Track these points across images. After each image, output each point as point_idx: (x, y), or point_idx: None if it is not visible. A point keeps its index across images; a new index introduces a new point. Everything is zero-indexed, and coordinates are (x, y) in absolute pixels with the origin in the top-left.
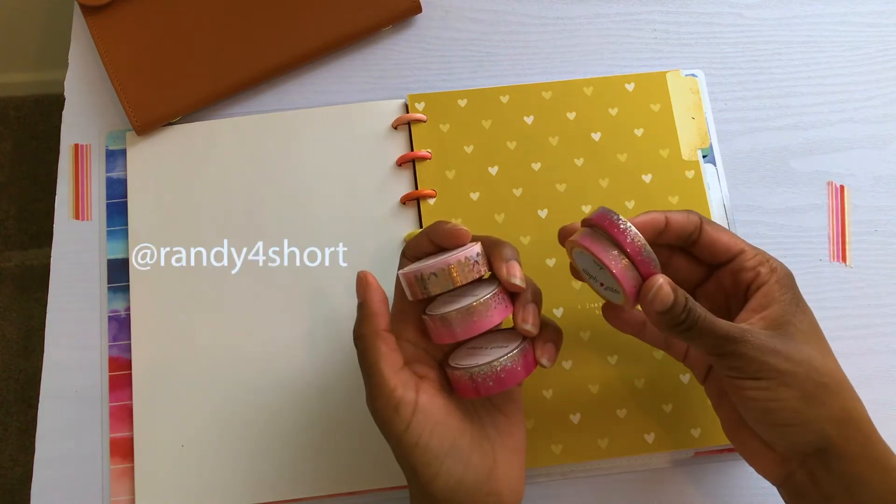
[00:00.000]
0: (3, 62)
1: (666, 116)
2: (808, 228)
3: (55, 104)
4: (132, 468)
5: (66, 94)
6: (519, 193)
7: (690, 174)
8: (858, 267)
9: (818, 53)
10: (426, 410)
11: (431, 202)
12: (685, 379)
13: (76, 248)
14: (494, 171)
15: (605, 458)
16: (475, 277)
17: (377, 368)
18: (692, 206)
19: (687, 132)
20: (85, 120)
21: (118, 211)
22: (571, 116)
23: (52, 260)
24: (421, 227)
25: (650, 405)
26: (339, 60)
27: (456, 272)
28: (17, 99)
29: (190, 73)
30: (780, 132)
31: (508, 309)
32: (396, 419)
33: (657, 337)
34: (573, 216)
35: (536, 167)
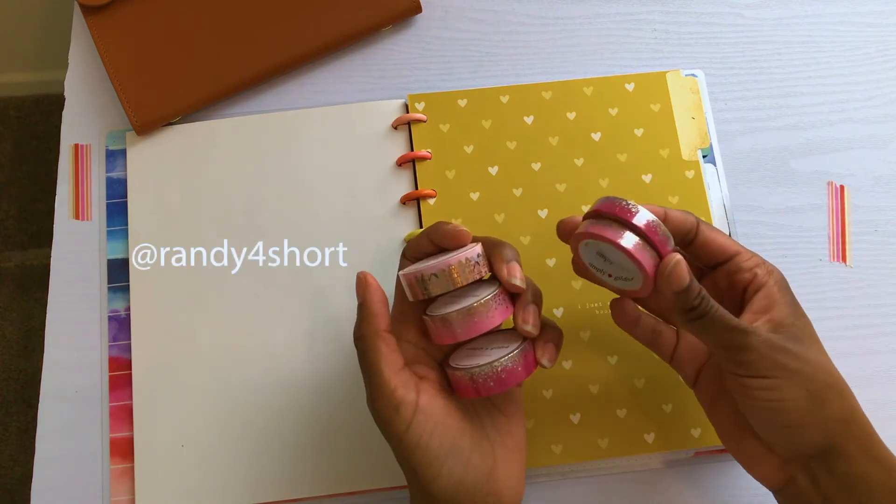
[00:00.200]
0: (3, 62)
1: (666, 116)
2: (808, 228)
3: (55, 104)
4: (132, 468)
5: (66, 94)
6: (519, 193)
7: (690, 174)
8: (858, 267)
9: (818, 53)
10: (427, 411)
11: (431, 202)
12: None
13: (76, 248)
14: (494, 171)
15: (605, 458)
16: (476, 278)
17: (378, 369)
18: (692, 206)
19: (687, 132)
20: (85, 120)
21: (118, 211)
22: (571, 116)
23: (52, 260)
24: (421, 227)
25: (650, 405)
26: (339, 60)
27: (457, 273)
28: (17, 99)
29: (190, 73)
30: (780, 132)
31: (509, 310)
32: (397, 420)
33: (647, 332)
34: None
35: (536, 167)
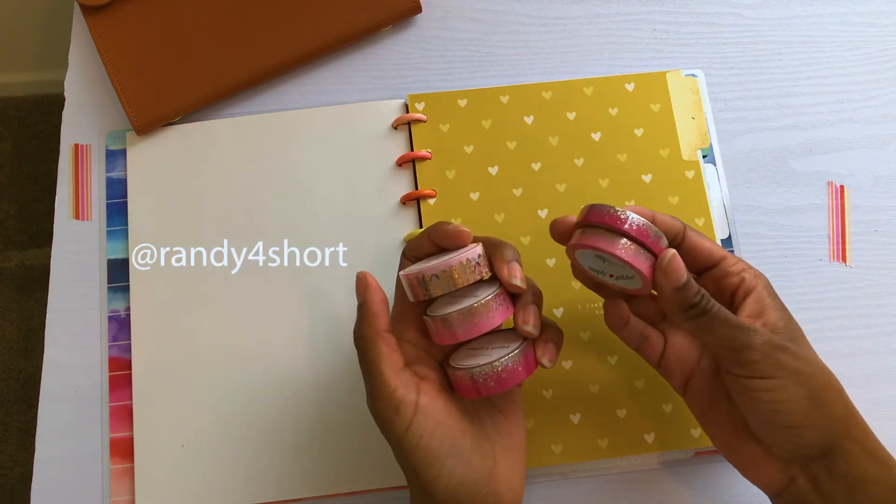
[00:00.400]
0: (3, 62)
1: (666, 116)
2: (808, 228)
3: (55, 104)
4: (132, 468)
5: (66, 94)
6: (519, 193)
7: (690, 174)
8: (858, 267)
9: (818, 53)
10: (427, 411)
11: (431, 202)
12: None
13: (76, 248)
14: (494, 171)
15: (605, 458)
16: (476, 279)
17: (378, 369)
18: (692, 206)
19: (687, 132)
20: (85, 120)
21: (118, 211)
22: (571, 116)
23: (52, 260)
24: (421, 227)
25: (650, 405)
26: (339, 60)
27: (457, 274)
28: (17, 99)
29: (190, 73)
30: (780, 132)
31: (509, 310)
32: (397, 420)
33: (635, 336)
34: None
35: (536, 167)
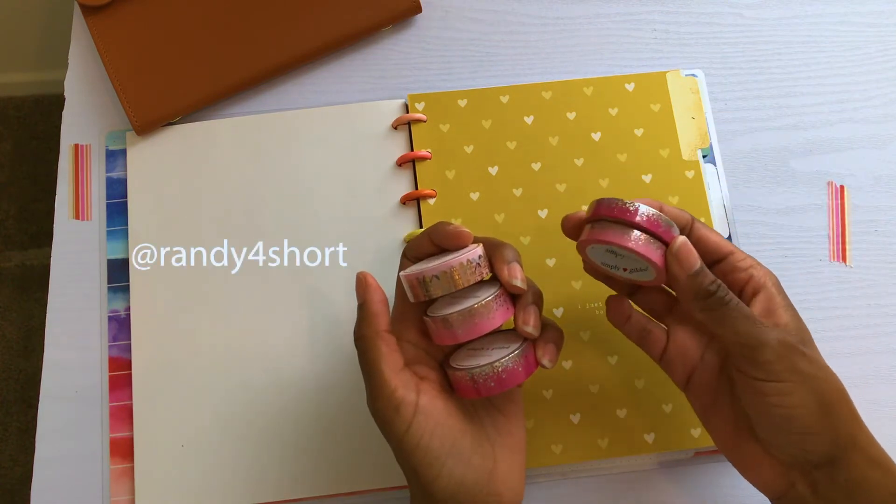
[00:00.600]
0: (3, 62)
1: (666, 116)
2: (808, 228)
3: (55, 104)
4: (132, 468)
5: (66, 94)
6: (519, 193)
7: (690, 174)
8: (858, 267)
9: (818, 53)
10: (427, 411)
11: (431, 202)
12: None
13: (76, 248)
14: (494, 171)
15: (605, 458)
16: (477, 280)
17: (378, 369)
18: (692, 206)
19: (687, 132)
20: (85, 120)
21: (118, 211)
22: (571, 116)
23: (52, 260)
24: (421, 227)
25: (650, 405)
26: (339, 60)
27: (458, 275)
28: (17, 99)
29: (190, 73)
30: (780, 132)
31: (510, 311)
32: (397, 420)
33: (637, 329)
34: None
35: (536, 167)
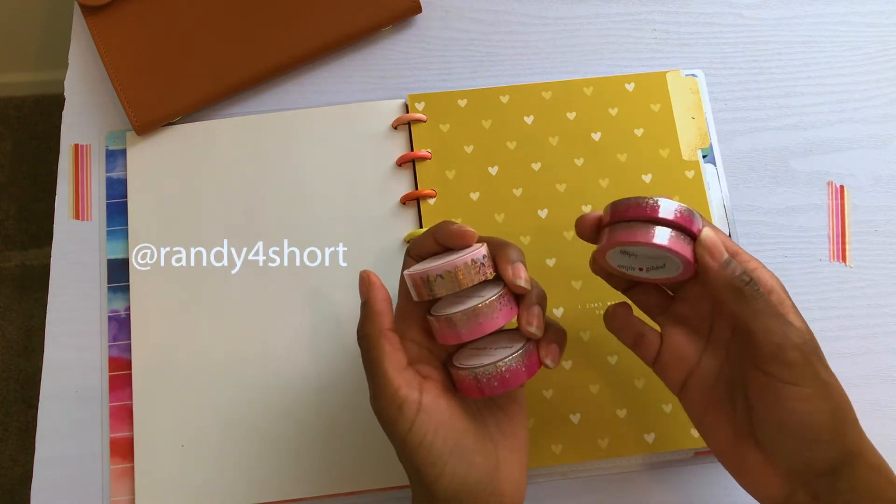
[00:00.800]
0: (3, 62)
1: (666, 116)
2: (808, 228)
3: (55, 104)
4: (132, 468)
5: (66, 94)
6: (519, 193)
7: (690, 174)
8: (858, 267)
9: (818, 53)
10: (430, 410)
11: (431, 202)
12: None
13: (76, 248)
14: (494, 171)
15: (605, 458)
16: (481, 279)
17: (381, 368)
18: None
19: (687, 132)
20: (85, 120)
21: (118, 211)
22: (571, 116)
23: (52, 260)
24: (421, 227)
25: (650, 405)
26: (339, 60)
27: (462, 275)
28: (17, 99)
29: (190, 73)
30: (780, 132)
31: (513, 311)
32: (400, 419)
33: (631, 334)
34: (573, 216)
35: (536, 167)
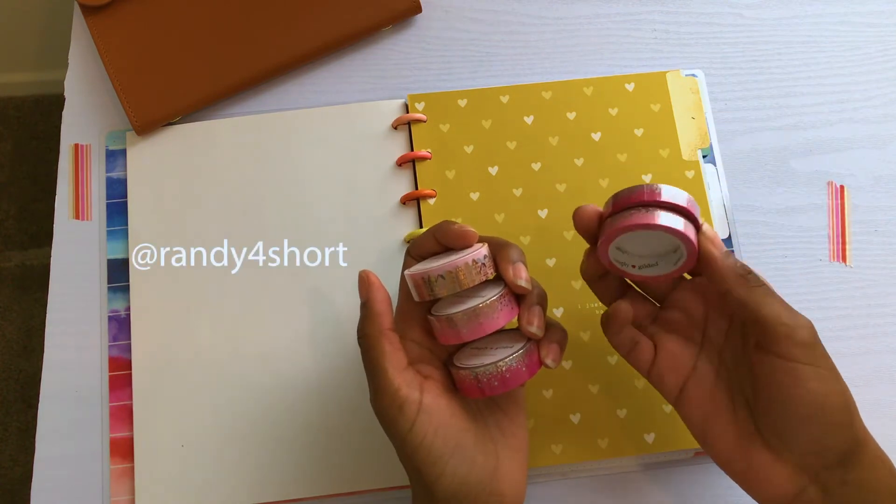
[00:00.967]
0: (3, 62)
1: (666, 116)
2: (808, 228)
3: (55, 104)
4: (132, 468)
5: (66, 94)
6: (519, 193)
7: (690, 174)
8: (858, 267)
9: (818, 53)
10: (430, 410)
11: (431, 202)
12: None
13: (76, 248)
14: (494, 171)
15: (605, 458)
16: (482, 280)
17: (382, 368)
18: None
19: (687, 132)
20: (85, 120)
21: (118, 211)
22: (571, 116)
23: (52, 260)
24: (421, 227)
25: (650, 405)
26: (339, 60)
27: (463, 275)
28: (17, 99)
29: (190, 73)
30: (780, 132)
31: (514, 311)
32: (401, 419)
33: (626, 341)
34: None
35: (536, 167)
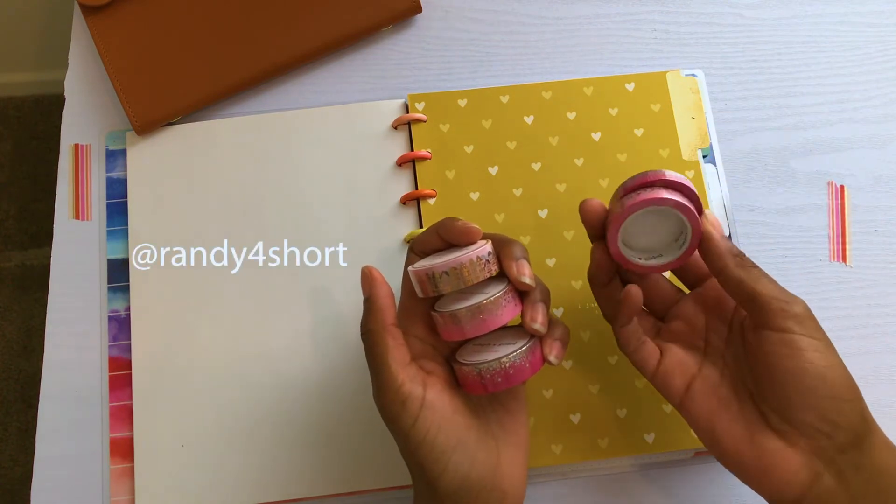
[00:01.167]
0: (3, 62)
1: (666, 116)
2: (808, 228)
3: (55, 104)
4: (132, 468)
5: (66, 94)
6: (519, 193)
7: (690, 174)
8: (858, 267)
9: (818, 53)
10: (433, 406)
11: (431, 202)
12: None
13: (76, 248)
14: (494, 171)
15: (605, 458)
16: (486, 277)
17: (385, 363)
18: None
19: (687, 132)
20: (85, 120)
21: (118, 211)
22: (571, 116)
23: (52, 260)
24: (421, 227)
25: (650, 405)
26: (339, 60)
27: (467, 272)
28: (17, 99)
29: (190, 73)
30: (780, 132)
31: (517, 307)
32: (404, 415)
33: (634, 337)
34: (573, 216)
35: (536, 167)
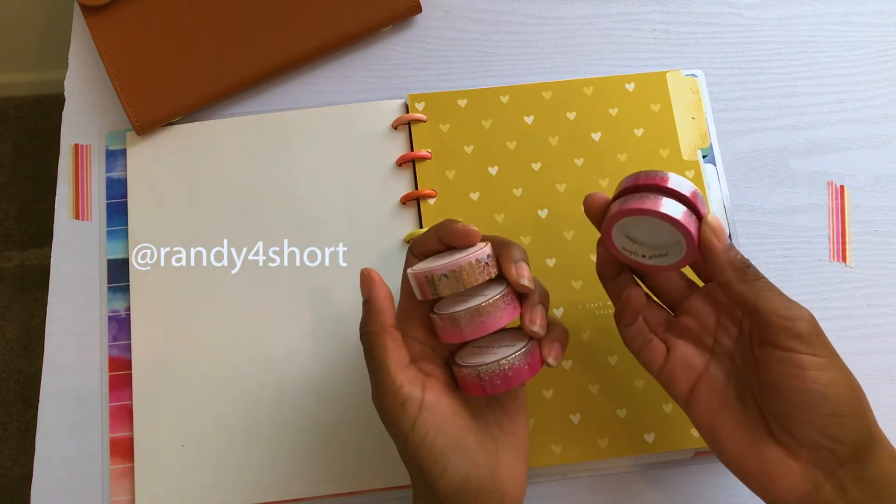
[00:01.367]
0: (3, 62)
1: (666, 116)
2: (808, 228)
3: (55, 104)
4: (132, 468)
5: (66, 94)
6: (519, 193)
7: (690, 174)
8: (858, 267)
9: (818, 53)
10: (432, 408)
11: (431, 202)
12: None
13: (76, 248)
14: (494, 171)
15: (605, 458)
16: (485, 279)
17: (384, 365)
18: None
19: (687, 132)
20: (85, 120)
21: (118, 211)
22: (571, 116)
23: (52, 260)
24: (421, 227)
25: (650, 405)
26: (339, 60)
27: (466, 274)
28: (17, 99)
29: (190, 73)
30: (780, 132)
31: (517, 310)
32: (403, 416)
33: (639, 335)
34: (573, 216)
35: (536, 167)
